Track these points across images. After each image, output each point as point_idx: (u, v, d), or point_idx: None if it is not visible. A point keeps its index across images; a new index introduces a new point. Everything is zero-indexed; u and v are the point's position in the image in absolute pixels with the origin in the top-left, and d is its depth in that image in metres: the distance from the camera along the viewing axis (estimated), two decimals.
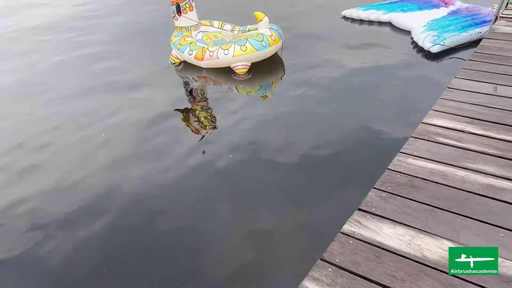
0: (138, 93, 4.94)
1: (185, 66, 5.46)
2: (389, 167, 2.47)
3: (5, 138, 4.26)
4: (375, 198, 2.24)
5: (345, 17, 6.96)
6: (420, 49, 5.46)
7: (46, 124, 4.41)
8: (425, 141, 2.67)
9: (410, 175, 2.39)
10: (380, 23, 6.54)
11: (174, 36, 5.45)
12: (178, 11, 5.31)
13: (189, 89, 5.20)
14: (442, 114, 2.94)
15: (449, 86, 3.29)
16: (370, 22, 6.63)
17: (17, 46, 6.92)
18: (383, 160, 2.72)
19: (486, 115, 2.88)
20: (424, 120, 2.89)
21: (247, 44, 4.98)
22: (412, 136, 2.73)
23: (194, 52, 5.17)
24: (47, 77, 5.59)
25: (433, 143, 2.65)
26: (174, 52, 5.45)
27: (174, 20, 5.46)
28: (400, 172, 2.41)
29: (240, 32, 5.66)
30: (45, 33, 7.37)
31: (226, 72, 5.20)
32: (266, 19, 5.12)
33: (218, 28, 5.74)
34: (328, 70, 5.20)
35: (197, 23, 5.51)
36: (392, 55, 5.45)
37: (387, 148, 3.37)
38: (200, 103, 4.91)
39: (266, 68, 5.34)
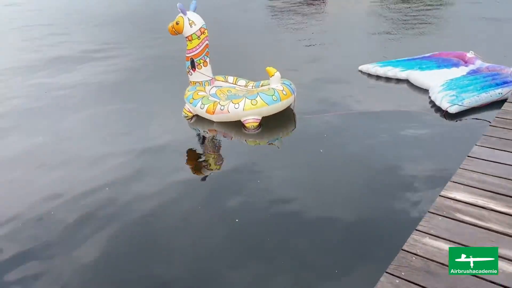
0: (153, 148, 4.87)
1: (197, 119, 5.43)
2: (404, 247, 2.25)
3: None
4: (387, 285, 2.01)
5: (361, 72, 6.93)
6: (438, 109, 5.30)
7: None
8: (444, 217, 2.44)
9: (427, 258, 2.16)
10: (398, 80, 6.45)
11: (188, 91, 5.47)
12: (193, 66, 5.36)
13: (200, 142, 5.16)
14: (462, 186, 2.72)
15: (469, 155, 3.09)
16: (387, 79, 6.56)
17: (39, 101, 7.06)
18: (398, 236, 2.50)
19: (511, 189, 2.65)
20: (443, 193, 2.67)
21: (258, 98, 4.94)
22: (429, 211, 2.51)
23: (206, 106, 5.15)
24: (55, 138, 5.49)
25: (452, 220, 2.42)
26: (187, 106, 5.44)
27: (188, 75, 5.51)
28: (416, 255, 2.18)
29: (253, 87, 5.65)
30: (58, 89, 7.45)
31: (237, 125, 5.14)
32: (277, 74, 5.11)
33: (232, 83, 5.75)
34: (341, 127, 5.07)
35: (211, 78, 5.54)
36: (408, 114, 5.30)
37: (402, 223, 3.11)
38: (211, 156, 4.85)
39: (277, 122, 5.26)
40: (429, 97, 5.66)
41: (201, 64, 5.37)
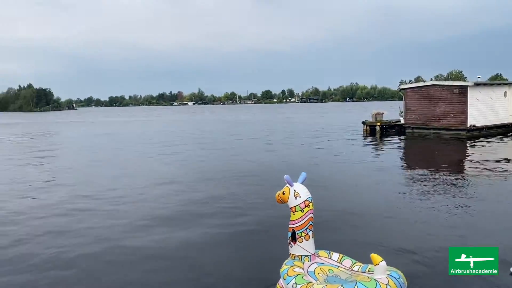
0: None
1: None
2: None
3: None
4: None
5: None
6: None
7: None
8: None
9: None
10: None
11: (285, 264, 5.06)
12: (293, 238, 5.05)
13: None
14: None
15: None
16: None
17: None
18: None
19: None
20: None
21: None
22: None
23: (298, 286, 4.60)
24: None
25: None
26: (281, 281, 4.99)
27: (289, 247, 5.19)
28: None
29: (360, 270, 4.94)
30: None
31: None
32: (383, 264, 4.37)
33: (336, 261, 5.16)
34: None
35: (312, 254, 5.09)
36: None
37: None
38: None
39: None
40: None
41: (303, 238, 5.02)
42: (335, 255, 5.26)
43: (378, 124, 29.60)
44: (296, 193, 5.03)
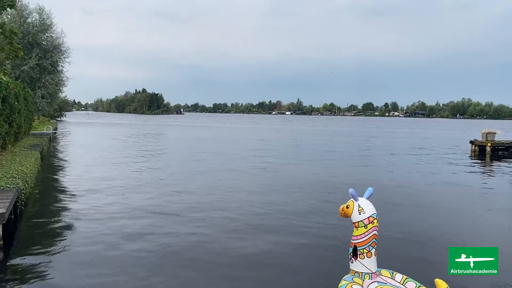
0: None
1: None
2: None
3: None
4: None
5: None
6: None
7: None
8: None
9: None
10: None
11: (344, 280, 4.97)
12: (354, 254, 4.96)
13: None
14: None
15: None
16: None
17: None
18: None
19: None
20: None
21: None
22: None
23: None
24: None
25: None
26: None
27: (349, 262, 5.12)
28: None
29: None
30: None
31: None
32: None
33: (399, 282, 4.91)
34: None
35: (373, 272, 4.96)
36: None
37: None
38: None
39: None
40: None
41: (364, 254, 4.91)
42: (399, 276, 5.03)
43: (489, 144, 26.77)
44: (360, 208, 4.95)
